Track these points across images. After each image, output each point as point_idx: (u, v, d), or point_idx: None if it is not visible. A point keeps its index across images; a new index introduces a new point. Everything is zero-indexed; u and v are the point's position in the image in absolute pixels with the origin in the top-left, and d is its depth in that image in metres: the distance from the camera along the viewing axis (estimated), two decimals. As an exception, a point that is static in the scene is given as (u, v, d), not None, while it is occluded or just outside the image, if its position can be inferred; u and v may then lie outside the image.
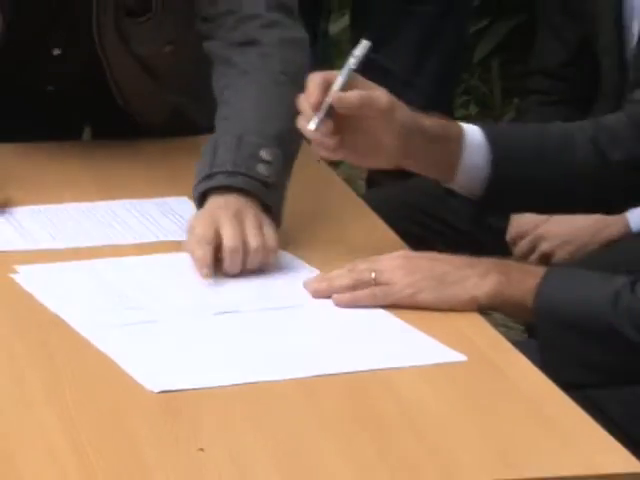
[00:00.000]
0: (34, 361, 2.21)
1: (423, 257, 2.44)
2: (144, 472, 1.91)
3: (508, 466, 1.94)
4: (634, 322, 2.24)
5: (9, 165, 2.98)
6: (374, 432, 2.02)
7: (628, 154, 2.55)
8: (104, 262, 2.53)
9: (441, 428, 2.05)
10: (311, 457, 1.96)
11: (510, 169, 2.51)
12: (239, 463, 1.93)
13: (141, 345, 2.25)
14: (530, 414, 2.10)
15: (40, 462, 1.92)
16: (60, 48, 3.33)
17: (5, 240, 2.60)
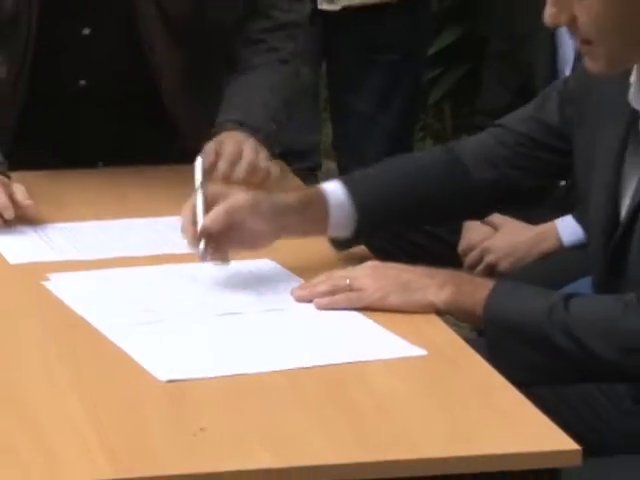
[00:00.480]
0: (62, 355, 2.21)
1: (390, 267, 2.42)
2: (153, 447, 1.92)
3: (460, 443, 1.95)
4: (565, 332, 2.24)
5: (39, 190, 2.96)
6: (349, 415, 2.02)
7: (498, 172, 2.57)
8: (122, 271, 2.53)
9: (404, 411, 2.05)
10: (295, 436, 1.96)
11: (373, 211, 2.51)
12: (235, 440, 1.94)
13: (152, 341, 2.25)
14: (479, 400, 2.10)
15: (66, 438, 1.93)
16: (90, 27, 3.18)
17: (38, 253, 2.60)
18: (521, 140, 2.56)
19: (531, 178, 2.60)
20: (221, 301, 2.42)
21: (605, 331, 2.23)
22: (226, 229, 2.43)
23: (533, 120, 2.56)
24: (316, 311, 2.38)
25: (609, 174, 2.39)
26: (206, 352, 2.23)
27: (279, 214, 2.49)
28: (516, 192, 2.65)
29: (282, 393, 2.10)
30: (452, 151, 2.64)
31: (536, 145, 2.55)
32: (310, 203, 2.52)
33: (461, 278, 2.40)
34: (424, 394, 2.12)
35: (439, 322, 2.34)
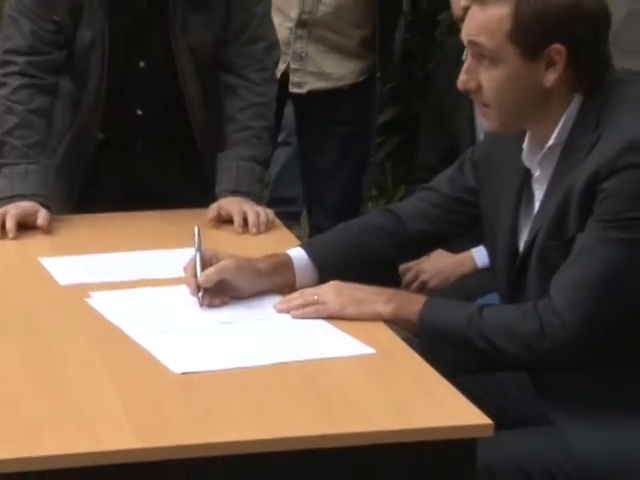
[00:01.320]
0: (100, 353, 2.21)
1: (347, 286, 2.39)
2: (169, 423, 1.93)
3: (400, 418, 1.95)
4: (480, 335, 2.23)
5: (85, 228, 2.97)
6: (318, 398, 2.03)
7: (428, 227, 2.54)
8: (146, 290, 2.52)
9: (359, 394, 2.05)
10: (278, 414, 1.96)
11: (331, 269, 2.48)
12: (233, 418, 1.95)
13: (170, 343, 2.24)
14: (414, 386, 2.10)
15: (102, 415, 1.94)
16: (144, 61, 3.09)
17: (82, 276, 2.59)
18: (448, 200, 2.53)
19: (457, 227, 2.58)
20: (220, 313, 2.41)
21: (509, 333, 2.22)
22: (216, 284, 2.41)
23: (456, 182, 2.54)
24: (292, 320, 2.37)
25: (509, 220, 2.38)
26: (210, 351, 2.23)
27: (255, 277, 2.45)
28: (445, 238, 2.65)
29: (268, 381, 2.09)
30: (392, 212, 2.60)
31: (460, 203, 2.53)
32: (279, 269, 2.49)
33: (402, 295, 2.40)
34: (373, 382, 2.12)
35: (385, 328, 2.33)
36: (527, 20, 2.20)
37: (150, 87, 3.13)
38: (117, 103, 3.12)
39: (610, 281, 2.19)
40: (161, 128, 3.18)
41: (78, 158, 3.19)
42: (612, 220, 2.18)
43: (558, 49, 2.22)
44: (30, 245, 2.78)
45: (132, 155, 3.23)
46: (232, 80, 3.12)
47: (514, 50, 2.23)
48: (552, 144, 2.30)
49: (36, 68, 3.03)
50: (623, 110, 2.24)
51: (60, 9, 3.01)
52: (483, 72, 2.27)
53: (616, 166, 2.17)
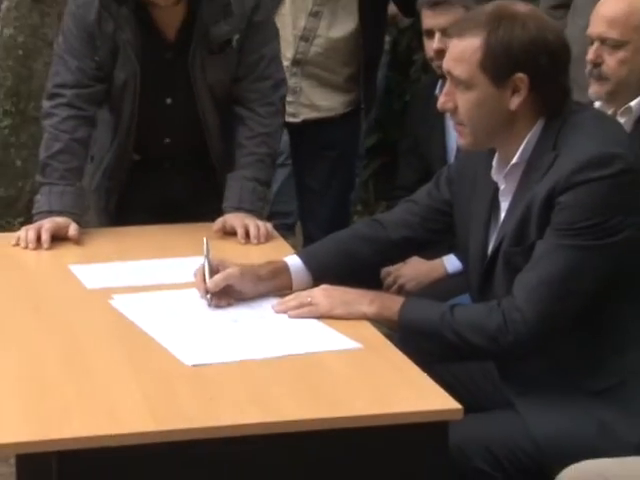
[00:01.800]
0: (121, 346, 2.20)
1: (336, 289, 2.38)
2: (182, 408, 1.92)
3: (381, 404, 1.96)
4: (452, 330, 2.22)
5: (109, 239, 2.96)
6: (311, 385, 2.03)
7: (409, 234, 2.53)
8: (162, 293, 2.50)
9: (346, 383, 2.05)
10: (273, 397, 1.97)
11: (323, 274, 2.46)
12: (236, 403, 1.94)
13: (182, 338, 2.23)
14: (394, 375, 2.09)
15: (123, 401, 1.94)
16: (171, 98, 3.11)
17: (106, 280, 2.57)
18: (427, 210, 2.53)
19: (434, 234, 2.57)
20: (226, 313, 2.39)
21: (477, 327, 2.21)
22: (222, 288, 2.40)
23: (433, 195, 2.53)
24: (288, 319, 2.35)
25: (480, 228, 2.38)
26: (217, 346, 2.21)
27: (256, 281, 2.44)
28: (424, 244, 2.63)
29: (267, 372, 2.08)
30: (378, 221, 2.59)
31: (436, 213, 2.52)
32: (277, 274, 2.47)
33: (383, 296, 2.39)
34: (359, 372, 2.11)
35: (369, 325, 2.31)
36: (495, 51, 2.22)
37: (175, 119, 3.15)
38: (148, 132, 3.15)
39: (565, 282, 2.19)
40: (185, 152, 3.20)
41: (115, 175, 3.22)
42: (567, 229, 2.18)
43: (522, 78, 2.23)
44: (61, 254, 2.77)
45: (161, 174, 3.24)
46: (242, 112, 3.14)
47: (484, 77, 2.24)
48: (516, 162, 2.30)
49: (81, 100, 3.06)
50: (577, 134, 2.24)
51: (100, 51, 3.05)
52: (459, 95, 2.29)
53: (571, 182, 2.18)
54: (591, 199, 2.17)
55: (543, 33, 2.23)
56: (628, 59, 2.75)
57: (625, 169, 2.17)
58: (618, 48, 2.75)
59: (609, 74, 2.77)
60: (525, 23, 2.23)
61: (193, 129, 3.13)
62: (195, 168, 3.22)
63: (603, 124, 2.33)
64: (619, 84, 2.77)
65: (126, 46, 3.04)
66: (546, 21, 2.28)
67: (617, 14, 2.75)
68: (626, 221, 2.18)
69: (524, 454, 2.21)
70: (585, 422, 2.21)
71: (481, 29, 2.24)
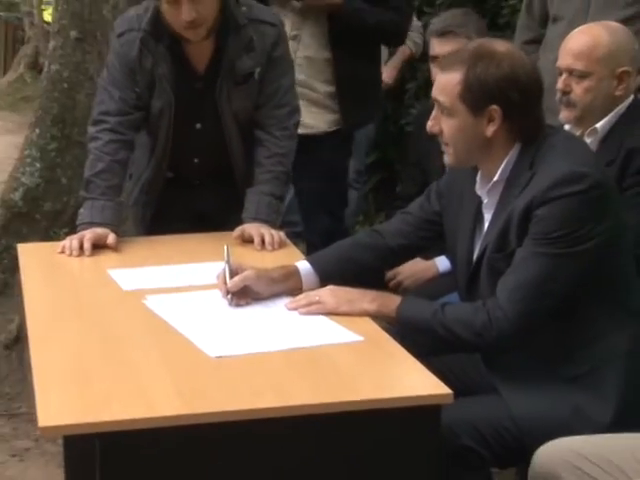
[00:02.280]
0: (153, 341, 2.19)
1: (341, 289, 2.36)
2: (206, 393, 1.91)
3: (380, 390, 1.95)
4: (443, 326, 2.21)
5: (144, 247, 2.94)
6: (320, 373, 2.02)
7: (404, 241, 2.51)
8: (190, 293, 2.48)
9: (350, 371, 2.04)
10: (287, 383, 1.96)
11: (330, 277, 2.43)
12: (254, 389, 1.93)
13: (207, 333, 2.21)
14: (392, 364, 2.10)
15: (154, 387, 1.93)
16: (200, 123, 3.12)
17: (140, 283, 2.55)
18: (419, 221, 2.51)
19: (426, 241, 2.55)
20: (244, 310, 2.37)
21: (465, 323, 2.20)
22: (241, 289, 2.38)
23: (425, 207, 2.52)
24: (299, 315, 2.33)
25: (466, 237, 2.37)
26: (238, 339, 2.19)
27: (270, 283, 2.42)
28: (417, 250, 2.63)
29: (281, 362, 2.07)
30: (377, 231, 2.58)
31: (428, 223, 2.51)
32: (289, 277, 2.45)
33: (382, 295, 2.36)
34: (361, 362, 2.10)
35: (370, 321, 2.30)
36: (472, 85, 2.22)
37: (203, 142, 3.15)
38: (180, 153, 3.16)
39: (541, 284, 2.18)
40: (212, 171, 3.20)
41: (151, 190, 3.24)
42: (543, 238, 2.17)
43: (496, 109, 2.22)
44: (101, 260, 2.76)
45: (191, 190, 3.24)
46: (261, 135, 3.14)
47: (463, 107, 2.24)
48: (497, 179, 2.29)
49: (122, 126, 3.06)
50: (551, 155, 2.23)
51: (140, 83, 3.06)
52: (444, 120, 2.28)
53: (546, 197, 2.17)
54: (563, 212, 2.16)
55: (516, 71, 2.22)
56: (593, 87, 2.74)
57: (593, 185, 2.16)
58: (584, 78, 2.75)
59: (576, 101, 2.76)
60: (500, 62, 2.21)
61: (219, 151, 3.13)
62: (221, 185, 3.21)
63: (573, 146, 2.31)
64: (585, 109, 2.76)
65: (162, 79, 3.05)
66: (521, 60, 2.26)
67: (582, 49, 2.75)
68: (594, 231, 2.17)
69: (507, 432, 2.20)
70: (561, 405, 2.19)
71: (462, 65, 2.23)
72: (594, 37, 2.76)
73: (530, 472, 2.09)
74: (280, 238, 2.96)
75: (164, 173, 3.21)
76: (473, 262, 2.33)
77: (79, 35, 4.05)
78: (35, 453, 3.29)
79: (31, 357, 2.10)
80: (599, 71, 2.73)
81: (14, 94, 10.37)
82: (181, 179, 3.24)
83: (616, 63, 2.74)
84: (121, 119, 3.06)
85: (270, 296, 2.42)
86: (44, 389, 1.93)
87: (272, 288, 2.43)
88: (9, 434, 3.43)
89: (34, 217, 4.01)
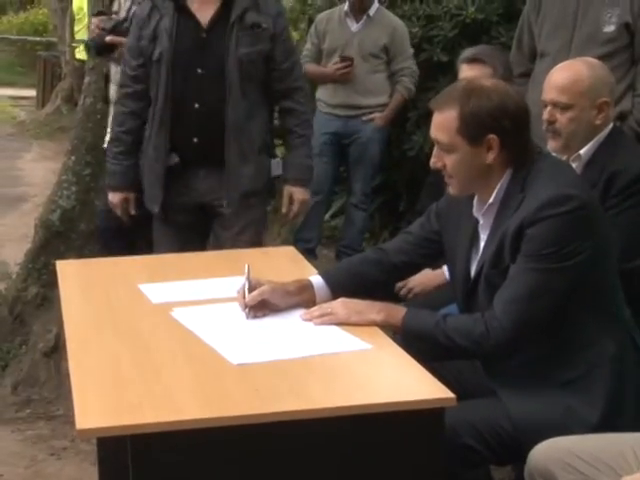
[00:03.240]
0: (180, 350, 2.16)
1: (351, 301, 2.33)
2: (228, 397, 1.89)
3: (389, 394, 1.93)
4: (444, 335, 2.19)
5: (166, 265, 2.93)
6: (334, 377, 2.00)
7: (406, 258, 2.48)
8: (212, 305, 2.45)
9: (361, 376, 2.02)
10: (304, 388, 1.94)
11: (340, 291, 2.39)
12: (276, 394, 1.91)
13: (229, 342, 2.19)
14: (398, 370, 2.07)
15: (179, 391, 1.90)
16: (201, 69, 3.13)
17: (168, 296, 2.52)
18: (420, 239, 2.49)
19: (426, 258, 2.53)
20: (263, 321, 2.35)
21: (464, 333, 2.19)
22: (259, 302, 2.35)
23: (425, 226, 2.50)
24: (313, 326, 2.31)
25: (464, 255, 2.35)
26: (257, 348, 2.17)
27: (286, 296, 2.39)
28: (418, 266, 2.60)
29: (298, 368, 2.05)
30: (382, 249, 2.55)
31: (428, 241, 2.48)
32: (303, 290, 2.42)
33: (389, 306, 2.33)
34: (370, 368, 2.08)
35: (378, 330, 2.28)
36: (468, 119, 2.20)
37: (204, 87, 3.16)
38: (181, 102, 3.15)
39: (533, 297, 2.16)
40: (208, 150, 3.20)
41: (156, 175, 3.26)
42: (534, 255, 2.16)
43: (493, 138, 2.21)
44: (132, 276, 2.73)
45: (190, 177, 3.27)
46: (289, 104, 3.27)
47: (462, 140, 2.22)
48: (491, 202, 2.28)
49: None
50: (540, 179, 2.22)
51: (144, 38, 3.17)
52: (445, 156, 2.26)
53: (536, 218, 2.16)
54: (552, 231, 2.14)
55: (505, 101, 2.21)
56: (576, 117, 2.75)
57: (579, 206, 2.15)
58: (567, 109, 2.75)
59: (561, 130, 2.77)
60: (490, 94, 2.20)
61: (218, 98, 3.12)
62: (212, 164, 3.22)
63: (560, 169, 2.30)
64: (569, 137, 2.76)
65: (163, 31, 3.14)
66: (507, 91, 2.25)
67: (565, 83, 2.75)
68: (581, 247, 2.15)
69: (504, 432, 2.18)
70: (554, 406, 2.17)
71: (456, 103, 2.21)
72: (575, 72, 2.76)
73: (526, 469, 2.07)
74: (301, 206, 3.31)
75: (167, 127, 3.18)
76: (471, 278, 2.31)
77: (110, 69, 4.06)
78: (71, 452, 3.27)
79: (69, 364, 2.09)
80: (581, 103, 2.73)
81: (51, 124, 10.40)
82: (183, 163, 3.22)
83: (596, 95, 2.74)
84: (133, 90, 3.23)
85: (286, 308, 2.40)
86: (81, 394, 1.91)
87: (288, 300, 2.40)
88: (48, 435, 3.41)
89: (70, 236, 4.02)
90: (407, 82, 4.91)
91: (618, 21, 3.34)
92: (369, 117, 4.93)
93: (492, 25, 4.62)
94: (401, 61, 4.90)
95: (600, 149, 2.76)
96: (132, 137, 3.25)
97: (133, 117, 3.23)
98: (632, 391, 2.21)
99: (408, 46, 4.90)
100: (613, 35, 3.34)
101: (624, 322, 2.27)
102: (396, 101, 4.96)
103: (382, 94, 4.95)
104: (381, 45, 4.89)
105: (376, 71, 4.92)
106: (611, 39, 3.35)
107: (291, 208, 3.32)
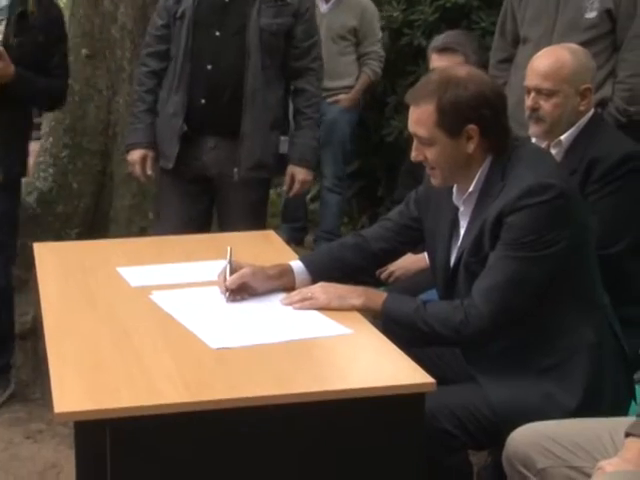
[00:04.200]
0: (159, 333, 2.14)
1: (331, 285, 2.32)
2: (210, 383, 1.88)
3: (368, 379, 1.93)
4: (424, 321, 2.18)
5: (144, 248, 2.91)
6: (315, 362, 2.00)
7: (385, 245, 2.48)
8: (191, 289, 2.44)
9: (340, 360, 2.01)
10: (284, 373, 1.93)
11: (320, 275, 2.39)
12: (254, 379, 1.90)
13: (208, 326, 2.18)
14: (378, 355, 2.06)
15: (161, 375, 1.89)
16: (219, 31, 3.17)
17: (147, 280, 2.51)
18: (399, 226, 2.48)
19: (405, 245, 2.52)
20: (243, 305, 2.34)
21: (444, 321, 2.18)
22: (238, 286, 2.34)
23: (404, 214, 2.49)
24: (293, 310, 2.30)
25: (444, 242, 2.34)
26: (237, 332, 2.16)
27: (266, 280, 2.39)
28: (397, 253, 2.58)
29: (278, 353, 2.04)
30: (362, 235, 2.54)
31: (407, 228, 2.48)
32: (284, 274, 2.41)
33: (369, 291, 2.32)
34: (351, 353, 2.08)
35: (358, 315, 2.27)
36: (447, 111, 2.18)
37: (221, 49, 3.20)
38: (197, 59, 3.19)
39: (512, 285, 2.16)
40: (220, 117, 3.23)
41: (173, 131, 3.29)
42: (513, 244, 2.16)
43: (473, 128, 2.20)
44: (110, 259, 2.70)
45: (201, 146, 3.30)
46: (303, 84, 3.31)
47: (442, 133, 2.21)
48: (471, 190, 2.27)
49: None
50: (520, 167, 2.21)
51: (170, 9, 3.24)
52: (426, 149, 2.25)
53: (515, 207, 2.15)
54: (531, 220, 2.14)
55: (482, 90, 2.19)
56: (560, 104, 2.74)
57: (558, 195, 2.15)
58: (551, 96, 2.74)
59: (545, 116, 2.75)
60: (466, 84, 2.18)
61: (235, 62, 3.16)
62: (223, 137, 3.26)
63: (540, 158, 2.29)
64: (553, 124, 2.76)
65: None
66: (482, 79, 2.23)
67: (548, 69, 2.74)
68: (560, 236, 2.15)
69: (483, 417, 2.18)
70: (533, 392, 2.17)
71: (432, 95, 2.19)
72: (559, 58, 2.75)
73: (504, 453, 2.07)
74: (303, 186, 3.36)
75: (185, 85, 3.21)
76: (451, 265, 2.30)
77: (89, 52, 4.04)
78: (47, 435, 3.25)
79: (46, 348, 2.07)
80: (565, 89, 2.73)
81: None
82: (191, 130, 3.25)
83: (580, 81, 2.74)
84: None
85: (266, 292, 2.39)
86: (58, 377, 1.89)
87: (267, 284, 2.39)
88: (24, 418, 3.39)
89: (47, 219, 3.98)
90: (375, 65, 4.90)
91: (600, 7, 3.35)
92: (334, 99, 4.88)
93: (472, 10, 4.61)
94: (369, 44, 4.88)
95: (581, 135, 2.75)
96: (153, 96, 3.31)
97: (154, 77, 3.29)
98: (610, 377, 2.22)
99: (377, 29, 4.88)
100: (595, 21, 3.35)
101: (603, 309, 2.28)
102: (362, 82, 4.93)
103: (349, 76, 4.92)
104: (349, 27, 4.85)
105: (344, 53, 4.88)
106: (593, 25, 3.35)
107: (292, 187, 3.37)
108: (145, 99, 3.33)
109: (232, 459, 1.84)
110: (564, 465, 1.97)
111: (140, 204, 4.02)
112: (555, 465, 1.97)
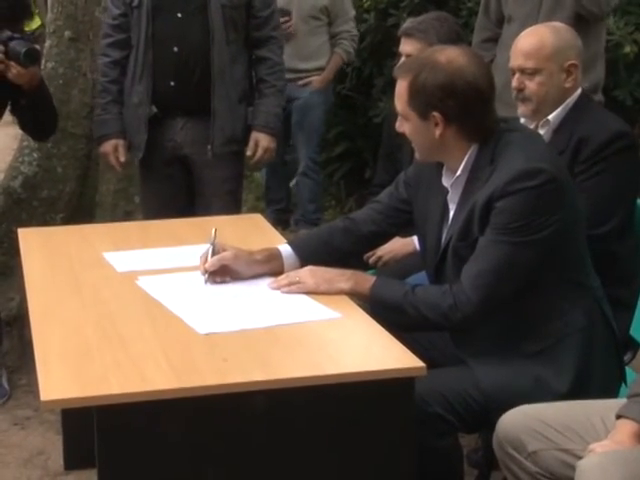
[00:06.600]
0: (146, 319, 2.13)
1: (319, 269, 2.31)
2: (198, 369, 1.86)
3: (360, 363, 1.92)
4: (412, 306, 2.17)
5: (130, 233, 2.89)
6: (303, 347, 1.98)
7: (375, 228, 2.45)
8: (178, 274, 2.42)
9: (329, 344, 2.00)
10: (272, 358, 1.92)
11: (308, 259, 2.37)
12: (243, 365, 1.88)
13: (195, 311, 2.16)
14: (367, 339, 2.06)
15: (149, 362, 1.87)
16: (181, 13, 3.18)
17: (133, 265, 2.49)
18: (388, 208, 2.46)
19: (395, 227, 2.50)
20: (230, 290, 2.32)
21: (432, 305, 2.17)
22: (220, 268, 2.32)
23: (393, 196, 2.47)
24: (281, 294, 2.28)
25: (435, 225, 2.32)
26: (225, 317, 2.14)
27: (253, 264, 2.37)
28: (387, 235, 2.56)
29: (266, 338, 2.03)
30: (351, 218, 2.52)
31: (396, 210, 2.46)
32: (272, 258, 2.40)
33: (357, 275, 2.30)
34: (340, 337, 2.06)
35: (347, 299, 2.26)
36: (414, 93, 2.18)
37: (185, 31, 3.22)
38: (161, 45, 3.21)
39: (501, 270, 2.14)
40: (189, 98, 3.25)
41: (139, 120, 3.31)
42: (502, 228, 2.14)
43: (436, 115, 2.18)
44: (96, 244, 2.69)
45: (172, 127, 3.33)
46: (264, 53, 3.33)
47: (412, 112, 2.21)
48: (459, 174, 2.25)
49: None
50: (509, 152, 2.19)
51: None
52: (403, 123, 2.25)
53: (505, 191, 2.14)
54: (521, 205, 2.12)
55: (453, 81, 2.15)
56: (545, 82, 2.72)
57: (548, 180, 2.13)
58: (535, 74, 2.72)
59: (531, 95, 2.73)
60: (438, 72, 2.15)
61: (199, 42, 3.18)
62: (193, 118, 3.29)
63: (529, 142, 2.27)
64: (540, 102, 2.73)
65: None
66: (459, 70, 2.16)
67: (531, 48, 2.72)
68: (550, 220, 2.13)
69: (473, 401, 2.17)
70: (523, 375, 2.17)
71: (410, 73, 2.19)
72: (540, 37, 2.74)
73: (495, 437, 2.06)
74: (270, 156, 3.37)
75: (149, 72, 3.23)
76: (441, 248, 2.29)
77: (73, 35, 4.00)
78: (35, 422, 3.23)
79: (32, 334, 2.05)
80: (549, 66, 2.71)
81: (12, 89, 10.22)
82: (161, 113, 3.28)
83: (563, 58, 2.72)
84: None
85: (253, 276, 2.37)
86: (45, 364, 1.88)
87: (255, 269, 2.37)
88: (11, 404, 3.37)
89: (32, 203, 3.95)
90: (347, 45, 4.83)
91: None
92: (305, 81, 4.79)
93: (459, -10, 4.59)
94: (341, 23, 4.81)
95: (569, 115, 2.74)
96: (117, 86, 3.32)
97: (116, 66, 3.29)
98: (600, 360, 2.21)
99: (350, 8, 4.82)
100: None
101: (593, 291, 2.27)
102: (334, 63, 4.86)
103: (321, 57, 4.84)
104: (321, 6, 4.77)
105: (316, 33, 4.80)
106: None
107: (256, 153, 3.36)
108: (110, 90, 3.33)
109: (221, 445, 1.82)
110: (555, 448, 1.96)
111: (125, 188, 3.99)
112: (546, 448, 1.96)
